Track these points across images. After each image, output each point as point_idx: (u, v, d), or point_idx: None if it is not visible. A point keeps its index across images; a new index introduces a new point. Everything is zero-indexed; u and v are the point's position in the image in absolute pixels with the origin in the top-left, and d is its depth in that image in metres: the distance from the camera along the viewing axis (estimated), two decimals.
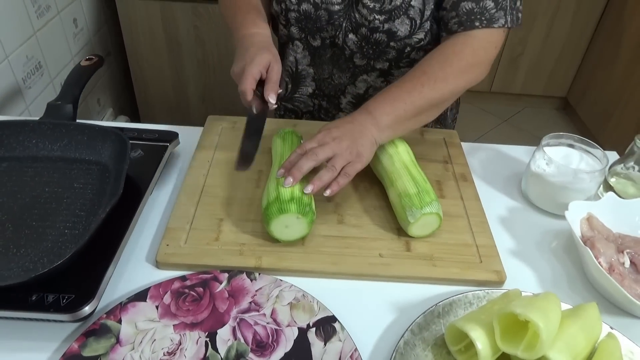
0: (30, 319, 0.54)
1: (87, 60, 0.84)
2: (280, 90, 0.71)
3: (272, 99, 0.68)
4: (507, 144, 0.92)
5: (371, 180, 0.77)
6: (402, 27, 0.77)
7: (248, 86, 0.67)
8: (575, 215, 0.67)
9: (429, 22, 0.77)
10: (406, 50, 0.80)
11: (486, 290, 0.61)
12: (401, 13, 0.76)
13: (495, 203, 0.77)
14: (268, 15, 0.85)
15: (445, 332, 0.55)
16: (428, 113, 0.72)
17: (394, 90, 0.70)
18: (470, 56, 0.73)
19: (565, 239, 0.71)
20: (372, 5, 0.76)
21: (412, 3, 0.75)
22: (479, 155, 0.87)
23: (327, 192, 0.64)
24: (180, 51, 1.68)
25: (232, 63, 0.73)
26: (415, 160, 0.74)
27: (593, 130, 2.31)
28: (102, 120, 1.67)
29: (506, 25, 0.73)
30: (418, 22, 0.77)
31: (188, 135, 0.86)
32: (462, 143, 0.88)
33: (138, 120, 1.90)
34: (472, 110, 2.61)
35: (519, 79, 2.48)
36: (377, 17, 0.77)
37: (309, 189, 0.63)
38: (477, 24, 0.72)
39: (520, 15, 0.75)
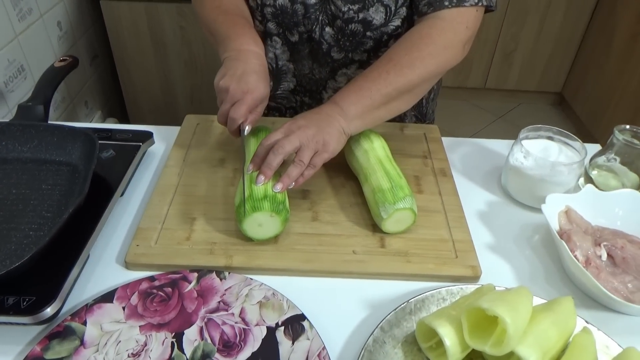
0: None
1: (61, 61, 0.83)
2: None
3: (247, 130, 0.69)
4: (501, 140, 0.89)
5: (347, 176, 0.75)
6: (377, 15, 0.76)
7: (242, 116, 0.67)
8: (553, 208, 0.66)
9: (404, 8, 0.76)
10: (383, 39, 0.79)
11: (460, 286, 0.60)
12: (375, 1, 0.74)
13: (474, 198, 0.76)
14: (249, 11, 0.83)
15: (415, 329, 0.54)
16: (399, 101, 0.69)
17: (360, 79, 0.68)
18: (438, 38, 0.69)
19: (544, 233, 0.70)
20: None
21: None
22: (460, 150, 0.86)
23: (292, 185, 0.63)
24: (166, 52, 1.67)
25: (219, 67, 0.72)
26: (390, 155, 0.73)
27: (588, 125, 2.29)
28: (90, 122, 1.66)
29: (480, 4, 0.70)
30: (393, 8, 0.75)
31: (169, 135, 0.85)
32: (443, 138, 0.86)
33: (127, 122, 1.89)
34: (467, 107, 2.60)
35: (513, 75, 2.47)
36: (351, 7, 0.75)
37: (278, 187, 0.62)
38: (446, 3, 0.70)
39: None
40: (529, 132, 0.75)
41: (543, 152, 0.74)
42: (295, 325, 0.56)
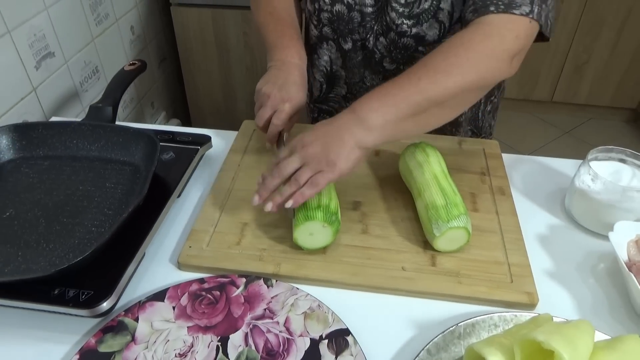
0: (53, 312, 0.56)
1: (130, 65, 0.88)
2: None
3: (286, 136, 0.72)
4: (567, 157, 0.84)
5: (400, 189, 0.74)
6: (430, 31, 0.74)
7: (283, 123, 0.71)
8: (622, 237, 0.61)
9: (460, 24, 0.73)
10: None
11: (514, 313, 0.57)
12: (429, 16, 0.73)
13: (535, 219, 0.72)
14: (299, 18, 0.85)
15: (464, 355, 0.52)
16: (429, 114, 0.60)
17: (386, 85, 0.61)
18: (481, 44, 0.61)
19: (610, 262, 0.65)
20: (401, 9, 0.74)
21: (442, 5, 0.72)
22: (521, 168, 0.82)
23: (289, 204, 0.60)
24: (229, 57, 1.72)
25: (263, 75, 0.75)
26: (447, 170, 0.70)
27: None
28: (155, 122, 1.74)
29: (530, 16, 0.61)
30: (447, 25, 0.73)
31: (228, 139, 0.87)
32: (505, 154, 0.83)
33: (189, 124, 1.97)
34: (531, 120, 2.49)
35: (583, 88, 2.34)
36: (405, 21, 0.74)
37: (269, 207, 0.61)
38: (492, 8, 0.62)
39: (551, 22, 0.65)
40: (598, 153, 0.70)
41: (613, 175, 0.69)
42: (340, 339, 0.55)
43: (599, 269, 0.65)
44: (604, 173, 0.67)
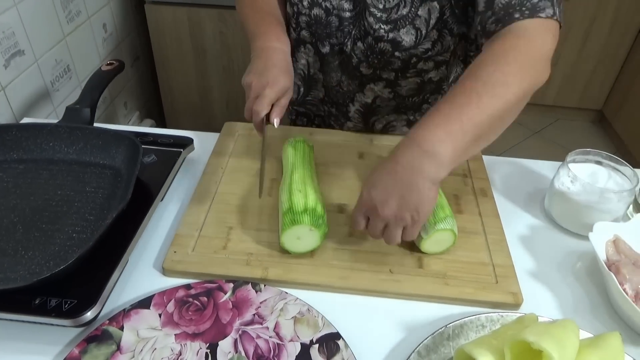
0: (34, 322, 0.54)
1: (107, 65, 0.85)
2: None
3: (276, 123, 0.69)
4: (537, 157, 0.87)
5: None
6: (407, 37, 0.74)
7: (265, 108, 0.67)
8: (600, 237, 0.63)
9: (435, 30, 0.74)
10: (412, 61, 0.77)
11: (501, 313, 0.58)
12: (407, 22, 0.73)
13: (515, 221, 0.74)
14: (284, 17, 0.84)
15: (453, 356, 0.53)
16: (493, 130, 0.57)
17: (444, 108, 0.56)
18: (527, 48, 0.59)
19: (590, 262, 0.67)
20: (379, 14, 0.74)
21: (419, 12, 0.72)
22: (501, 170, 0.84)
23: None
24: (205, 57, 1.69)
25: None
26: None
27: (630, 146, 2.21)
28: (128, 123, 1.70)
29: (554, 17, 0.60)
30: (424, 31, 0.74)
31: (208, 141, 0.86)
32: (485, 156, 0.84)
33: (164, 125, 1.93)
34: None
35: (552, 89, 2.41)
36: (382, 26, 0.74)
37: None
38: (517, 15, 0.60)
39: (562, 14, 0.64)
40: (576, 155, 0.73)
41: (591, 177, 0.71)
42: (330, 343, 0.55)
43: (578, 268, 0.67)
44: (582, 175, 0.69)
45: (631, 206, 0.73)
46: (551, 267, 0.67)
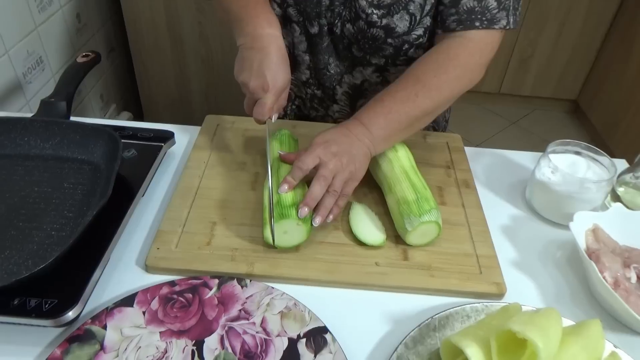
0: (13, 323, 0.53)
1: (83, 56, 0.83)
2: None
3: (274, 118, 0.70)
4: (514, 147, 0.89)
5: (370, 186, 0.74)
6: (401, 22, 0.74)
7: (266, 115, 0.68)
8: (580, 226, 0.64)
9: (429, 17, 0.74)
10: (404, 47, 0.77)
11: (485, 303, 0.59)
12: (401, 8, 0.72)
13: (498, 211, 0.75)
14: None
15: (440, 347, 0.53)
16: (421, 121, 0.71)
17: (388, 100, 0.68)
18: (465, 61, 0.71)
19: (570, 251, 0.69)
20: None
21: None
22: (483, 161, 0.85)
23: (330, 218, 0.64)
24: (183, 48, 1.66)
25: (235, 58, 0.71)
26: (415, 165, 0.72)
27: (603, 135, 2.27)
28: (105, 116, 1.66)
29: (507, 27, 0.70)
30: (418, 17, 0.73)
31: (188, 134, 0.84)
32: (466, 148, 0.85)
33: (141, 117, 1.89)
34: (480, 111, 2.58)
35: (528, 80, 2.45)
36: (374, 11, 0.73)
37: (317, 220, 0.63)
38: (477, 24, 0.69)
39: (518, 17, 0.73)
40: (556, 146, 0.74)
41: (571, 167, 0.73)
42: (318, 337, 0.55)
43: (559, 257, 0.68)
44: (561, 165, 0.70)
45: (609, 196, 0.75)
46: (533, 256, 0.68)
